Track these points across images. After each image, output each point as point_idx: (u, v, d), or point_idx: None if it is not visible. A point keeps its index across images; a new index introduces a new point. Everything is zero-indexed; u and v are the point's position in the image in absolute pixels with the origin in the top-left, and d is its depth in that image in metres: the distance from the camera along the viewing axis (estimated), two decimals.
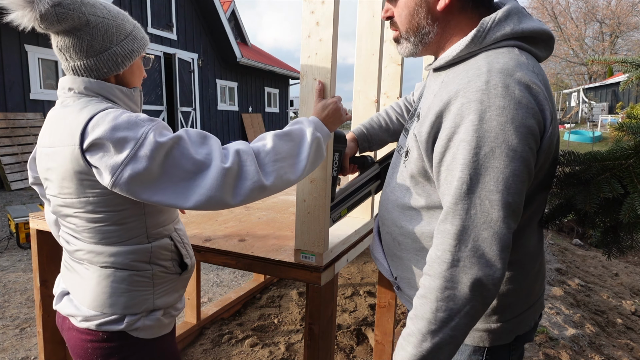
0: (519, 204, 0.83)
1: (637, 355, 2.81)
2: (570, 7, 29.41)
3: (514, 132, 0.80)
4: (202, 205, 0.95)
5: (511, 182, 0.81)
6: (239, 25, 15.92)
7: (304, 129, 1.10)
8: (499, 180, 0.80)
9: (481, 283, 0.82)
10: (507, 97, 0.81)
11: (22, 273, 3.84)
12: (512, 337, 1.02)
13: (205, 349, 2.67)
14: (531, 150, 0.82)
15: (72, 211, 1.04)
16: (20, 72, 7.69)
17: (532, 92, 0.82)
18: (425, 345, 0.85)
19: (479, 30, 0.90)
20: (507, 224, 0.81)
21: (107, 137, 0.92)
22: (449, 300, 0.83)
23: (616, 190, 0.93)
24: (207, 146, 0.99)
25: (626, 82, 1.12)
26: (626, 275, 4.47)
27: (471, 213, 0.82)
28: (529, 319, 1.05)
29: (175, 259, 1.17)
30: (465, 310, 0.83)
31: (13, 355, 2.55)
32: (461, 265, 0.82)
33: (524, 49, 0.91)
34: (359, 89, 1.66)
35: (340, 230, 1.54)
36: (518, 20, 0.91)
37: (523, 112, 0.81)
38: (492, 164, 0.81)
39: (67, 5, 0.97)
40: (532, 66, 0.87)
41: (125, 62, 1.06)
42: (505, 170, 0.80)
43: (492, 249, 0.81)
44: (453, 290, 0.83)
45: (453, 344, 0.85)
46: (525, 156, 0.81)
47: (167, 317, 1.18)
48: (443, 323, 0.84)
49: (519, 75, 0.83)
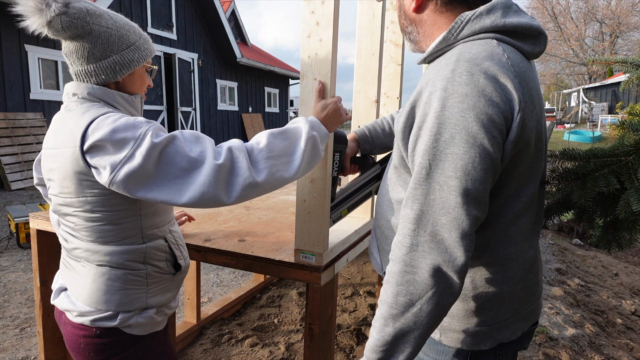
0: (481, 192, 0.81)
1: (637, 355, 2.81)
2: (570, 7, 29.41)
3: (474, 120, 0.80)
4: (196, 202, 0.97)
5: (470, 169, 0.80)
6: (239, 25, 15.92)
7: (300, 128, 1.10)
8: (457, 167, 0.80)
9: (440, 269, 0.81)
10: (470, 84, 0.81)
11: (22, 273, 3.85)
12: (494, 343, 0.97)
13: (205, 349, 2.67)
14: (493, 139, 0.81)
15: (71, 210, 1.08)
16: (20, 72, 7.69)
17: (498, 81, 0.82)
18: (387, 330, 0.85)
19: (456, 23, 0.91)
20: (467, 210, 0.80)
21: (107, 139, 0.96)
22: (409, 285, 0.83)
23: (612, 185, 0.93)
24: (200, 144, 1.01)
25: (626, 83, 1.12)
26: (626, 275, 4.47)
27: (430, 198, 0.83)
28: (514, 327, 0.99)
29: (169, 259, 1.20)
30: (427, 296, 0.82)
31: (13, 355, 2.55)
32: (420, 249, 0.83)
33: (505, 42, 0.90)
34: (359, 89, 1.66)
35: (340, 230, 1.54)
36: (502, 14, 0.90)
37: (485, 101, 0.80)
38: (452, 150, 0.81)
39: (73, 15, 1.03)
40: (506, 57, 0.86)
41: (123, 71, 1.09)
42: (464, 156, 0.80)
43: (450, 234, 0.81)
44: (413, 275, 0.83)
45: (416, 331, 0.84)
46: (486, 144, 0.80)
47: (160, 315, 1.20)
48: (404, 308, 0.84)
49: (486, 65, 0.83)
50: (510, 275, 0.95)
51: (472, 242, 0.82)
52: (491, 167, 0.81)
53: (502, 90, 0.82)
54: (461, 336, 0.98)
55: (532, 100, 0.86)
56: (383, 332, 0.86)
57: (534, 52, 0.93)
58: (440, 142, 0.82)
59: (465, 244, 0.81)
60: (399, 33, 1.88)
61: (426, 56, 0.98)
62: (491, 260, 0.94)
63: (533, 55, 0.94)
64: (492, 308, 0.96)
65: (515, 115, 0.83)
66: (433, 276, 0.82)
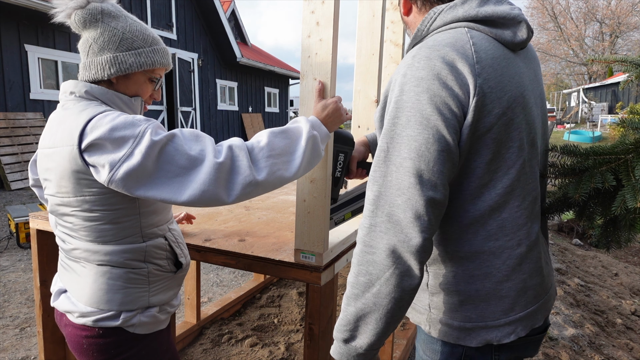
0: (436, 173, 0.82)
1: (637, 355, 2.81)
2: (570, 7, 29.41)
3: (427, 102, 0.82)
4: (196, 200, 0.96)
5: (424, 150, 0.81)
6: (239, 25, 15.93)
7: (300, 127, 1.10)
8: (411, 148, 0.82)
9: (396, 249, 0.82)
10: (426, 69, 0.83)
11: (22, 273, 3.85)
12: (481, 342, 0.95)
13: (205, 349, 2.67)
14: (447, 121, 0.82)
15: (69, 210, 1.07)
16: (20, 72, 7.69)
17: (454, 66, 0.83)
18: (350, 310, 0.87)
19: (428, 15, 0.94)
20: (421, 191, 0.81)
21: (106, 138, 0.96)
22: (369, 265, 0.85)
23: (607, 182, 0.92)
24: (200, 143, 1.01)
25: (626, 82, 1.12)
26: (626, 275, 4.47)
27: (387, 180, 0.84)
28: (506, 329, 0.95)
29: (170, 257, 1.20)
30: (384, 277, 0.83)
31: (13, 355, 2.55)
32: (377, 230, 0.84)
33: (477, 30, 0.90)
34: (359, 89, 1.66)
35: (340, 230, 1.54)
36: (478, 4, 0.91)
37: (439, 84, 0.82)
38: (407, 133, 0.83)
39: (87, 10, 1.08)
40: (471, 44, 0.86)
41: (112, 70, 1.08)
42: (418, 137, 0.82)
43: (405, 215, 0.81)
44: (372, 255, 0.84)
45: (377, 312, 0.85)
46: (439, 125, 0.81)
47: (162, 313, 1.20)
48: (364, 288, 0.85)
49: (445, 50, 0.84)
50: (493, 272, 0.93)
51: (430, 223, 0.83)
52: (446, 149, 0.82)
53: (457, 74, 0.83)
54: (447, 329, 0.97)
55: (501, 87, 0.86)
56: (346, 311, 0.88)
57: (514, 41, 0.91)
58: (397, 126, 0.84)
59: (420, 225, 0.81)
60: (399, 33, 1.88)
61: (407, 49, 1.02)
62: (470, 254, 0.93)
63: (516, 45, 0.92)
64: (478, 306, 0.94)
65: (471, 99, 0.83)
66: (390, 256, 0.82)
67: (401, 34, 1.88)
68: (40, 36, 7.97)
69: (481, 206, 0.90)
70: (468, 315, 0.95)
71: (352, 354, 0.89)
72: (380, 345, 0.89)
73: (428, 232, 0.83)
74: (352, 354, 0.89)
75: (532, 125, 0.94)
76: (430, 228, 0.83)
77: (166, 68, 1.19)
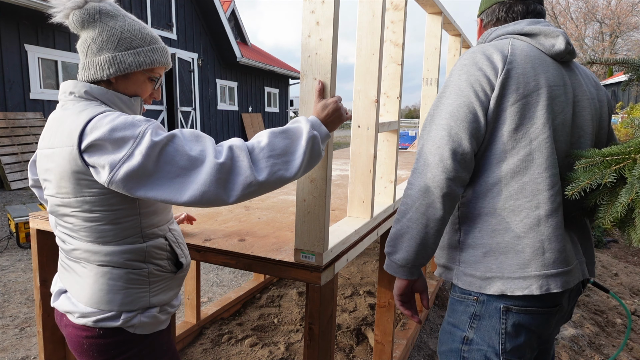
0: (462, 129, 1.07)
1: (637, 355, 2.81)
2: (570, 7, 29.39)
3: (465, 80, 1.10)
4: (197, 201, 0.96)
5: (455, 112, 1.09)
6: (239, 24, 15.92)
7: (301, 127, 1.10)
8: (447, 111, 1.10)
9: (424, 184, 1.09)
10: (468, 59, 1.13)
11: (21, 273, 3.84)
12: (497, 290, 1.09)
13: (205, 349, 2.67)
14: (476, 92, 1.08)
15: (69, 210, 1.06)
16: (20, 71, 7.69)
17: (489, 57, 1.09)
18: (393, 230, 1.17)
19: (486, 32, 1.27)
20: (447, 141, 1.08)
21: (106, 138, 0.95)
22: (406, 197, 1.14)
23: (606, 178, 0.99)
24: (201, 143, 1.01)
25: (627, 84, 1.13)
26: (626, 275, 4.47)
27: (428, 135, 1.12)
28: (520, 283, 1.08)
29: (170, 258, 1.20)
30: (415, 206, 1.11)
31: (13, 355, 2.55)
32: (416, 172, 1.12)
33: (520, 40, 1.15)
34: (358, 89, 1.65)
35: (340, 230, 1.54)
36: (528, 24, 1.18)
37: (476, 68, 1.10)
38: (446, 101, 1.12)
39: (85, 10, 1.07)
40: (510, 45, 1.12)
41: (112, 70, 1.08)
42: (453, 103, 1.10)
43: (434, 159, 1.08)
44: (410, 189, 1.13)
45: (409, 233, 1.12)
46: (470, 95, 1.08)
47: (163, 313, 1.20)
48: (402, 214, 1.14)
49: (486, 47, 1.12)
50: (512, 227, 1.10)
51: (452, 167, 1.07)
52: (472, 112, 1.08)
53: (490, 62, 1.09)
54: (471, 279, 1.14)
55: (531, 75, 1.08)
56: (391, 231, 1.17)
57: (552, 49, 1.14)
58: (441, 97, 1.13)
59: (442, 167, 1.07)
60: (399, 33, 1.88)
61: None
62: (493, 210, 1.12)
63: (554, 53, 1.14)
64: (497, 258, 1.11)
65: (498, 77, 1.07)
66: (420, 190, 1.10)
67: (401, 34, 1.88)
68: (40, 36, 7.97)
69: (505, 168, 1.10)
70: (489, 266, 1.12)
71: (392, 265, 1.18)
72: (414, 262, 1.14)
73: (450, 174, 1.07)
74: (392, 265, 1.18)
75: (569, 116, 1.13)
76: (453, 172, 1.07)
77: (166, 67, 1.19)
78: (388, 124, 1.83)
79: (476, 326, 1.15)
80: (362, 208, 1.71)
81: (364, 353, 2.66)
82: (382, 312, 2.26)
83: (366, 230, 1.67)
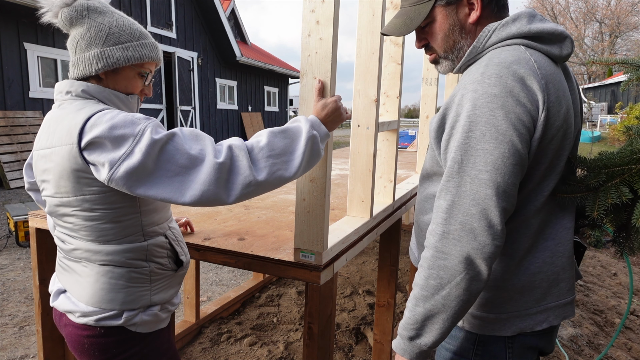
0: (510, 185, 0.87)
1: (635, 354, 2.82)
2: (570, 7, 29.39)
3: (503, 118, 0.86)
4: (197, 201, 0.96)
5: (500, 164, 0.86)
6: (239, 24, 15.91)
7: (300, 127, 1.10)
8: (487, 161, 0.87)
9: (469, 256, 0.87)
10: (499, 85, 0.87)
11: (21, 271, 3.84)
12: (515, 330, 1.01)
13: (204, 348, 2.67)
14: (521, 136, 0.87)
15: (69, 210, 1.06)
16: (19, 70, 7.68)
17: (524, 83, 0.88)
18: (418, 310, 0.93)
19: (483, 32, 0.98)
20: (496, 202, 0.86)
21: (106, 136, 0.95)
22: (440, 270, 0.90)
23: (624, 196, 0.93)
24: (200, 142, 1.01)
25: (626, 84, 1.12)
26: (625, 275, 4.47)
27: (461, 190, 0.89)
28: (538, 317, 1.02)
29: (170, 256, 1.20)
30: (455, 281, 0.89)
31: (12, 354, 2.55)
32: (451, 237, 0.89)
33: (532, 47, 0.95)
34: (358, 88, 1.65)
35: (340, 229, 1.54)
36: (527, 22, 0.97)
37: (513, 101, 0.86)
38: (482, 146, 0.87)
39: (73, 8, 1.07)
40: (533, 62, 0.91)
41: (100, 64, 1.07)
42: (494, 152, 0.86)
43: (480, 224, 0.87)
44: (444, 260, 0.90)
45: (444, 313, 0.91)
46: (514, 140, 0.86)
47: (164, 312, 1.21)
48: (434, 290, 0.91)
49: (514, 68, 0.89)
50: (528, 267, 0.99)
51: (502, 232, 0.88)
52: (519, 163, 0.88)
53: (528, 91, 0.88)
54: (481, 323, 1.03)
55: (559, 101, 0.91)
56: (414, 311, 0.94)
57: (561, 55, 0.98)
58: (471, 139, 0.88)
59: (492, 233, 0.87)
60: None
61: (460, 65, 1.05)
62: (512, 252, 0.99)
63: (561, 58, 0.99)
64: (513, 297, 1.01)
65: (540, 114, 0.88)
66: (462, 262, 0.88)
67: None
68: (39, 34, 7.96)
69: (530, 208, 0.97)
70: (504, 307, 1.01)
71: (416, 351, 0.95)
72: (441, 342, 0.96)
73: (500, 240, 0.88)
74: (416, 350, 0.95)
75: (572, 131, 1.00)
76: (502, 236, 0.88)
77: (156, 63, 1.18)
78: (388, 124, 1.83)
79: (481, 353, 1.06)
80: (362, 207, 1.71)
81: (363, 352, 2.66)
82: (381, 312, 2.26)
83: (365, 230, 1.67)
